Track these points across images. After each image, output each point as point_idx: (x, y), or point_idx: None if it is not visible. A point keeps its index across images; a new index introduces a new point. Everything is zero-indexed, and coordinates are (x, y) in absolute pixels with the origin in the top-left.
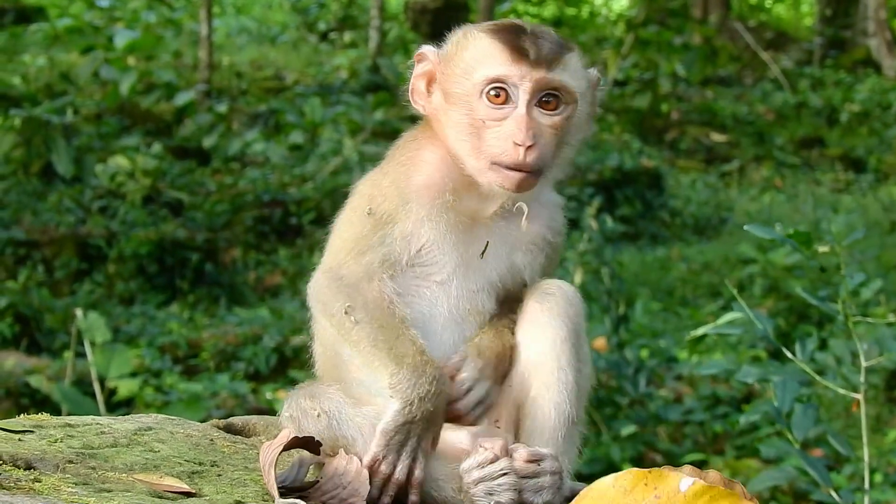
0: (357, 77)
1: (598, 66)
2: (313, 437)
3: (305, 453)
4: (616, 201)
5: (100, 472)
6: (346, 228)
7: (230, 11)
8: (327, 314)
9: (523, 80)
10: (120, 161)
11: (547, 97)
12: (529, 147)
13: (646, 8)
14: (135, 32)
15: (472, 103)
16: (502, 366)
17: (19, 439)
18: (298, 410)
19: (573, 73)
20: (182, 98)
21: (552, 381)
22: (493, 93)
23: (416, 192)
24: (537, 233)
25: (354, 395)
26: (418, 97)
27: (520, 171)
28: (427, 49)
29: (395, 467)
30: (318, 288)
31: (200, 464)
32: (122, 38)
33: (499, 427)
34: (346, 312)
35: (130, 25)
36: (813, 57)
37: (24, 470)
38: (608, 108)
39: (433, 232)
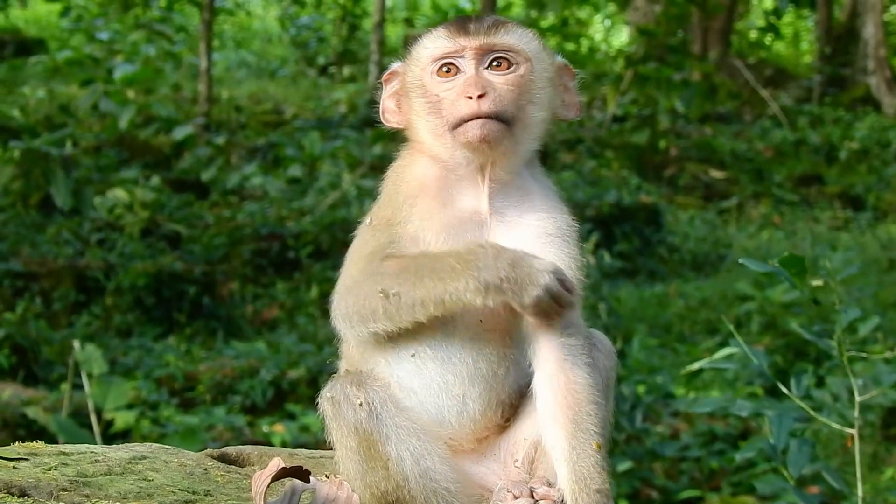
0: (356, 111)
1: (598, 101)
2: (302, 466)
3: (297, 481)
4: (614, 237)
5: (93, 500)
6: (354, 248)
7: (230, 45)
8: (365, 319)
9: (466, 49)
10: (118, 193)
11: (496, 60)
12: (481, 96)
13: (645, 44)
14: (134, 65)
15: (426, 85)
16: None
17: (14, 467)
18: (341, 394)
19: (519, 38)
20: (181, 131)
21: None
22: (443, 69)
23: (407, 197)
24: (539, 224)
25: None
26: (390, 115)
27: (478, 118)
28: (393, 65)
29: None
30: (342, 306)
31: (194, 493)
32: (121, 70)
33: (518, 466)
34: (383, 296)
35: (130, 58)
36: (812, 94)
37: (19, 497)
38: (607, 144)
39: (430, 232)
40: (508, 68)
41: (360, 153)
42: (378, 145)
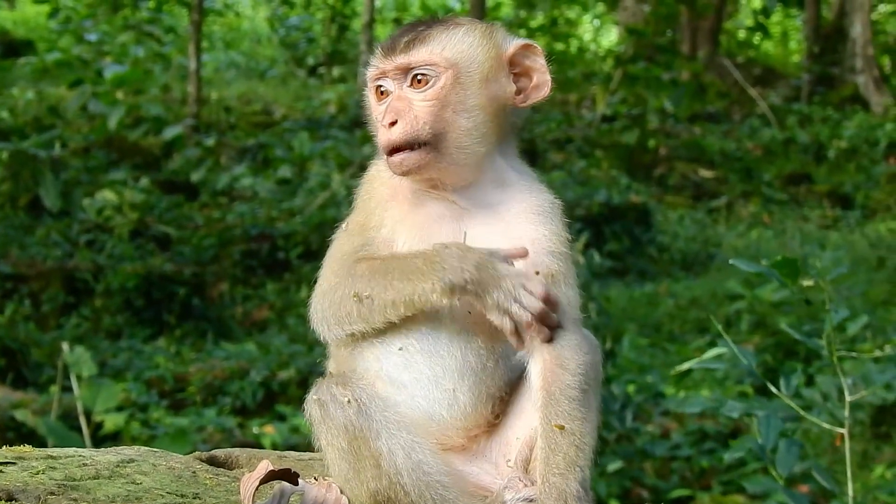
0: (345, 112)
1: (587, 101)
2: (290, 469)
3: (286, 484)
4: (604, 237)
5: None
6: (329, 253)
7: (219, 46)
8: (340, 321)
9: (388, 71)
10: (107, 195)
11: (417, 77)
12: (392, 124)
13: (634, 44)
14: (123, 66)
15: (371, 107)
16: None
17: (1, 471)
18: (328, 394)
19: (439, 47)
20: (170, 132)
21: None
22: (379, 90)
23: (379, 202)
24: (519, 205)
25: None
26: None
27: (394, 150)
28: None
29: (513, 303)
30: (318, 309)
31: (182, 496)
32: (110, 71)
33: (510, 466)
34: (357, 300)
35: (119, 59)
36: (801, 93)
37: (6, 502)
38: (596, 144)
39: (403, 233)
40: (427, 84)
41: (349, 154)
42: (367, 146)
